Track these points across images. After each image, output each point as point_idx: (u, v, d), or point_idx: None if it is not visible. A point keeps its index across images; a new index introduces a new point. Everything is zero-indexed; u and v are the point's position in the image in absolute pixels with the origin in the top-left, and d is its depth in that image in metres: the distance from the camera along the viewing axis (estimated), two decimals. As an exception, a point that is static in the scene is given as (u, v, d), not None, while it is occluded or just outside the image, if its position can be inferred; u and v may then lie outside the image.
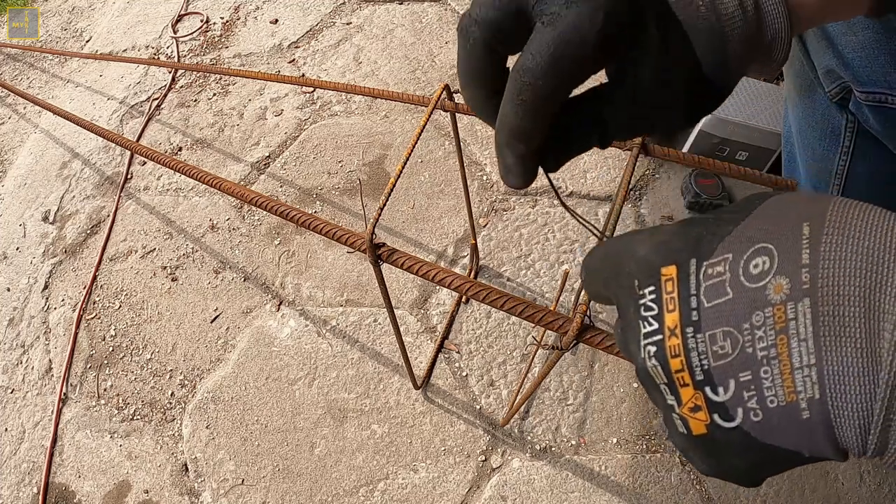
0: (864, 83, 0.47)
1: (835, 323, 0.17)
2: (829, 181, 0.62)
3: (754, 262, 0.18)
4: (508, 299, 0.42)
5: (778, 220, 0.19)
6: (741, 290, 0.18)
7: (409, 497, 0.81)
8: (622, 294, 0.22)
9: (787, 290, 0.17)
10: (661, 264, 0.20)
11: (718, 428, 0.19)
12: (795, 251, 0.18)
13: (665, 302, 0.20)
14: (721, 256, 0.19)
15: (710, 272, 0.19)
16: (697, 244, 0.20)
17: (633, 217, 1.06)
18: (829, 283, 0.17)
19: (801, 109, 0.60)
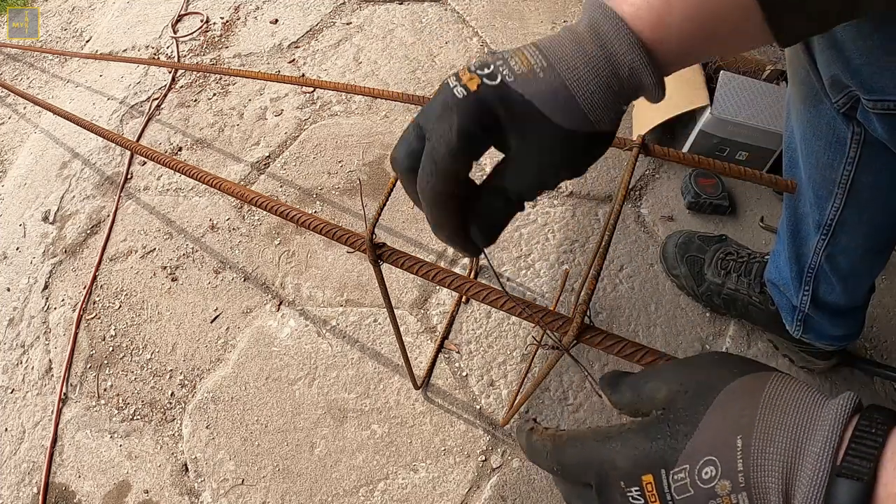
0: (872, 91, 0.47)
1: (763, 501, 0.24)
2: (832, 189, 0.62)
3: (705, 471, 0.26)
4: (508, 299, 0.42)
5: (718, 433, 0.26)
6: (699, 489, 0.26)
7: (409, 497, 0.81)
8: (608, 488, 0.29)
9: (729, 489, 0.25)
10: (641, 474, 0.28)
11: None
12: (732, 461, 0.25)
13: (648, 496, 0.28)
14: (682, 466, 0.27)
15: (676, 478, 0.27)
16: (663, 458, 0.27)
17: (633, 217, 1.07)
18: (756, 482, 0.25)
19: (806, 118, 0.60)
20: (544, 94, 0.30)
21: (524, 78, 0.30)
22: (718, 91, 1.01)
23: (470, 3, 1.50)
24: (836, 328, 0.78)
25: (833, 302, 0.74)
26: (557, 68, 0.30)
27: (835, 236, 0.66)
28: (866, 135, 0.55)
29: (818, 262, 0.70)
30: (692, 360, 0.31)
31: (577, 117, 0.30)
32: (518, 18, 1.45)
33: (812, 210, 0.66)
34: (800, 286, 0.75)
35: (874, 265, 0.69)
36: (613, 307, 0.96)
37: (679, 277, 0.95)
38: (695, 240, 0.96)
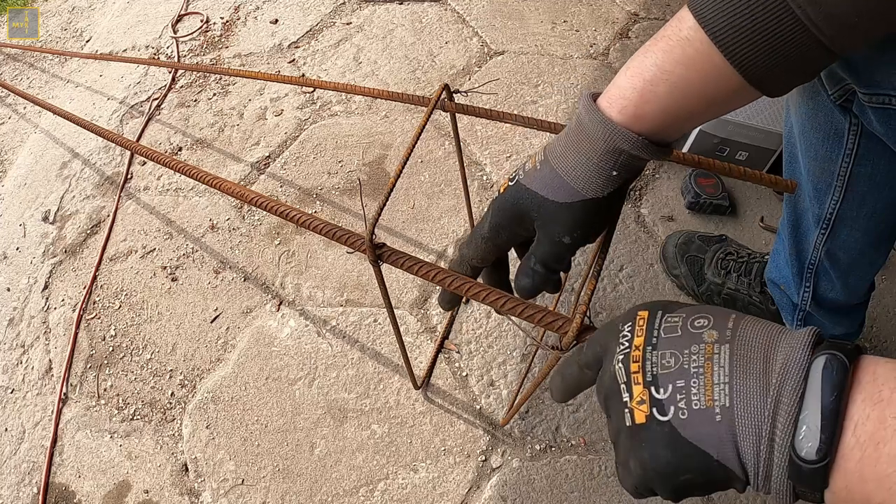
0: (867, 85, 0.47)
1: (743, 361, 0.26)
2: (831, 182, 0.62)
3: (699, 321, 0.28)
4: (508, 299, 0.42)
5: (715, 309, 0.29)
6: (687, 332, 0.28)
7: (409, 497, 0.81)
8: (610, 338, 0.32)
9: (716, 337, 0.27)
10: (639, 310, 0.31)
11: (654, 419, 0.27)
12: (724, 319, 0.28)
13: (636, 330, 0.30)
14: (678, 314, 0.29)
15: (670, 319, 0.29)
16: (666, 305, 0.30)
17: (634, 217, 1.07)
18: (741, 339, 0.26)
19: (804, 111, 0.60)
20: (542, 182, 0.39)
21: (530, 174, 0.40)
22: (718, 91, 1.00)
23: (470, 3, 1.49)
24: (836, 327, 0.78)
25: (833, 299, 0.74)
26: (551, 160, 0.39)
27: (834, 230, 0.66)
28: (864, 127, 0.54)
29: (818, 258, 0.70)
30: None
31: (569, 193, 0.38)
32: (518, 18, 1.45)
33: (812, 204, 0.66)
34: (800, 283, 0.75)
35: (874, 260, 0.70)
36: (613, 307, 0.96)
37: (679, 277, 0.95)
38: (695, 240, 0.96)
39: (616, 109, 0.36)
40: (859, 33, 0.30)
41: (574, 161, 0.38)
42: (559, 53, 1.36)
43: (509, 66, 1.33)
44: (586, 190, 0.38)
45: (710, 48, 0.33)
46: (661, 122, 0.36)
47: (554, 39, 1.39)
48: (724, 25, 0.32)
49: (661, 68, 0.35)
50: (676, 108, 0.36)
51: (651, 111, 0.36)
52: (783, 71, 0.33)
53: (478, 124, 1.21)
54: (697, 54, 0.34)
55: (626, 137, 0.36)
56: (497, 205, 0.42)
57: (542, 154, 0.40)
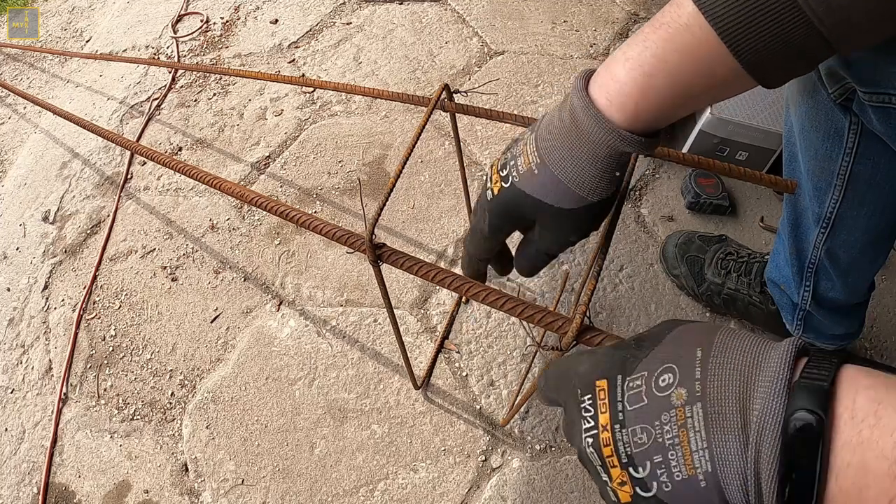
0: (867, 83, 0.47)
1: (719, 418, 0.24)
2: (830, 181, 0.62)
3: (662, 378, 0.26)
4: (508, 299, 0.42)
5: (680, 345, 0.27)
6: (653, 398, 0.26)
7: (409, 497, 0.81)
8: (569, 399, 0.30)
9: (685, 398, 0.25)
10: (596, 378, 0.28)
11: (640, 497, 0.26)
12: (691, 369, 0.25)
13: (599, 406, 0.27)
14: (639, 373, 0.26)
15: (632, 385, 0.26)
16: (623, 364, 0.27)
17: (633, 217, 1.06)
18: (713, 392, 0.24)
19: (804, 110, 0.60)
20: (542, 188, 0.38)
21: (526, 177, 0.38)
22: (718, 91, 1.00)
23: (470, 3, 1.49)
24: (836, 326, 0.78)
25: (833, 298, 0.74)
26: (549, 164, 0.37)
27: (834, 229, 0.66)
28: (864, 125, 0.54)
29: (818, 257, 0.70)
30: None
31: (573, 199, 0.37)
32: (518, 18, 1.45)
33: (811, 203, 0.66)
34: (800, 283, 0.75)
35: (874, 259, 0.69)
36: (613, 307, 0.96)
37: (679, 277, 0.95)
38: (695, 240, 0.96)
39: (616, 108, 0.35)
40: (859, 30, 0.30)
41: (575, 167, 0.37)
42: (559, 53, 1.35)
43: (509, 66, 1.33)
44: (592, 195, 0.37)
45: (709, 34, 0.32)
46: (659, 116, 0.35)
47: (554, 39, 1.39)
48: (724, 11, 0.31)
49: (660, 59, 0.33)
50: (674, 100, 0.34)
51: (650, 106, 0.34)
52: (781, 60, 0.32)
53: (478, 124, 1.21)
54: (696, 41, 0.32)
55: (629, 141, 0.35)
56: (495, 208, 0.41)
57: (536, 154, 0.38)
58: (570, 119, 0.36)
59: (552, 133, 0.37)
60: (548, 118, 0.38)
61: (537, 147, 0.38)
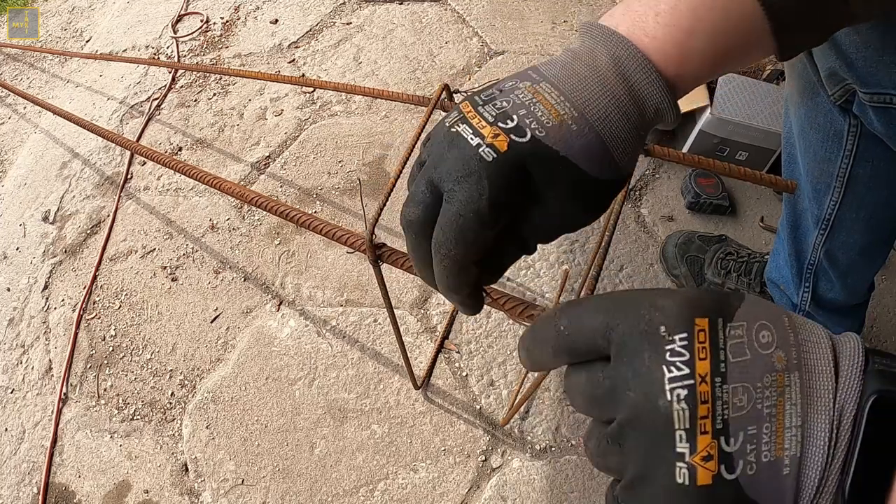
0: (868, 84, 0.47)
1: (813, 395, 0.21)
2: (830, 183, 0.62)
3: (763, 334, 0.22)
4: (508, 299, 0.42)
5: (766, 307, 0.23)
6: (756, 354, 0.21)
7: (409, 497, 0.81)
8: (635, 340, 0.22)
9: (785, 362, 0.21)
10: (696, 315, 0.22)
11: (721, 479, 0.20)
12: (785, 332, 0.22)
13: (697, 350, 0.21)
14: (740, 322, 0.22)
15: (734, 333, 0.22)
16: (722, 306, 0.22)
17: (633, 217, 1.07)
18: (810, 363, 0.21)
19: (804, 111, 0.60)
20: (581, 149, 0.28)
21: (557, 132, 0.28)
22: (718, 91, 1.01)
23: (470, 3, 1.49)
24: (836, 327, 0.78)
25: (833, 299, 0.74)
26: (590, 118, 0.28)
27: (833, 231, 0.66)
28: (863, 127, 0.55)
29: (818, 258, 0.70)
30: None
31: (610, 168, 0.29)
32: (518, 18, 1.45)
33: (811, 204, 0.66)
34: (800, 283, 0.75)
35: (873, 261, 0.70)
36: (613, 307, 0.96)
37: (679, 277, 0.95)
38: (695, 240, 0.96)
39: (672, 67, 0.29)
40: None
41: (623, 127, 0.29)
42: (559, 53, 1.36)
43: (509, 66, 1.33)
44: (628, 165, 0.30)
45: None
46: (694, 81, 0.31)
47: (554, 39, 1.39)
48: None
49: (699, 16, 0.28)
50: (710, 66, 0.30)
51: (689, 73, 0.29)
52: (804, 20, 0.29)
53: (478, 124, 1.20)
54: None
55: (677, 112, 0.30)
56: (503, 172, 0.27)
57: (569, 106, 0.28)
58: (614, 70, 0.29)
59: (586, 82, 0.29)
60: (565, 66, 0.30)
61: (563, 93, 0.29)
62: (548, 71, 0.30)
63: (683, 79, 0.30)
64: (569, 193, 0.29)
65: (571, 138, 0.28)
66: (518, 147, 0.27)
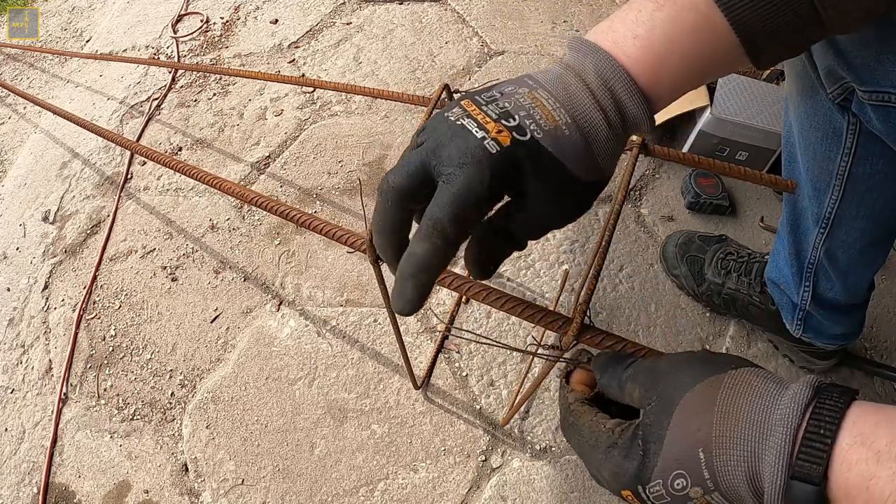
0: (866, 82, 0.47)
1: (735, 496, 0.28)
2: (829, 182, 0.62)
3: (677, 482, 0.29)
4: (508, 299, 0.42)
5: (683, 448, 0.29)
6: (674, 496, 0.29)
7: (409, 497, 0.81)
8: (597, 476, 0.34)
9: (701, 492, 0.28)
10: (620, 489, 0.32)
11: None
12: (699, 472, 0.28)
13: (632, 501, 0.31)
14: (655, 481, 0.30)
15: (652, 490, 0.30)
16: (638, 477, 0.30)
17: (633, 217, 1.07)
18: (725, 483, 0.28)
19: (803, 110, 0.60)
20: (571, 152, 0.32)
21: (552, 135, 0.31)
22: (718, 91, 1.01)
23: (470, 3, 1.50)
24: (836, 326, 0.78)
25: (833, 299, 0.74)
26: (580, 125, 0.32)
27: (833, 230, 0.66)
28: (862, 126, 0.54)
29: (818, 258, 0.70)
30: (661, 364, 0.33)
31: (594, 170, 0.33)
32: (518, 18, 1.45)
33: (811, 203, 0.66)
34: (800, 283, 0.75)
35: (873, 260, 0.69)
36: (613, 307, 0.96)
37: (679, 277, 0.95)
38: (695, 240, 0.96)
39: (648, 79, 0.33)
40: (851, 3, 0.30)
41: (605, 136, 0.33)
42: (559, 53, 1.35)
43: (509, 66, 1.33)
44: (609, 169, 0.34)
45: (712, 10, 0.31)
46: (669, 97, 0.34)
47: (554, 39, 1.39)
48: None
49: (672, 40, 0.32)
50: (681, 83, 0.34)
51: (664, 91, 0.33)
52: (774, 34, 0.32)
53: (478, 124, 1.20)
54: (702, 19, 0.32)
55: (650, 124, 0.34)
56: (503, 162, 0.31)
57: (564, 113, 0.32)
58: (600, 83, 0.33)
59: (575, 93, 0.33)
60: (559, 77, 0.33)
61: (558, 101, 0.32)
62: (543, 80, 0.33)
63: (660, 94, 0.33)
64: (556, 191, 0.33)
65: (563, 141, 0.32)
66: (518, 144, 0.31)
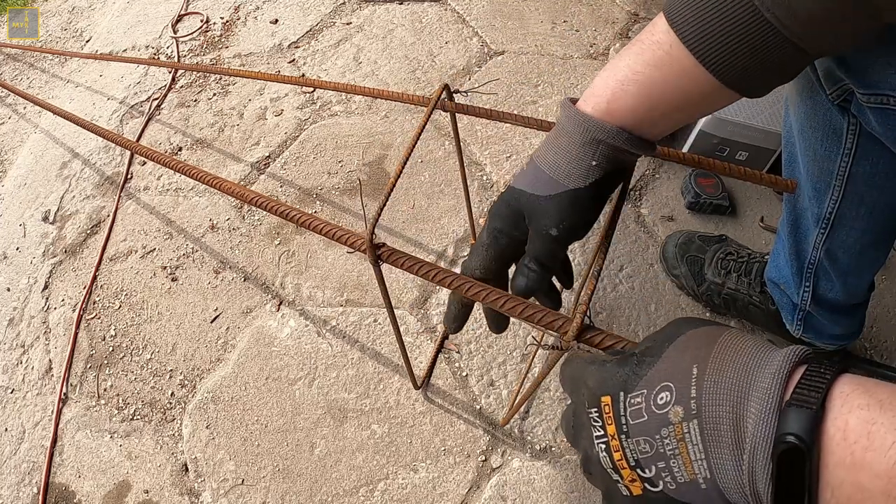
0: (865, 85, 0.47)
1: (714, 434, 0.26)
2: (829, 182, 0.62)
3: (661, 396, 0.28)
4: (508, 299, 0.42)
5: (678, 362, 0.28)
6: (653, 415, 0.28)
7: (409, 497, 0.81)
8: (578, 405, 0.33)
9: (682, 415, 0.27)
10: (601, 395, 0.31)
11: (649, 491, 0.29)
12: (687, 388, 0.27)
13: (605, 418, 0.30)
14: (639, 391, 0.29)
15: (633, 402, 0.29)
16: (625, 382, 0.30)
17: (633, 217, 1.07)
18: (708, 411, 0.26)
19: (803, 111, 0.60)
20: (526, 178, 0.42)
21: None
22: (718, 91, 1.00)
23: (470, 3, 1.50)
24: (836, 326, 0.78)
25: (833, 299, 0.74)
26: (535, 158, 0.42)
27: (833, 230, 0.66)
28: (862, 126, 0.54)
29: (818, 258, 0.70)
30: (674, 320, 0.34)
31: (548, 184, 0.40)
32: (518, 18, 1.45)
33: (811, 204, 0.66)
34: (800, 283, 0.75)
35: (874, 260, 0.70)
36: (613, 307, 0.96)
37: (679, 277, 0.95)
38: (695, 240, 0.96)
39: (590, 106, 0.39)
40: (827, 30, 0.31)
41: (554, 156, 0.40)
42: (559, 53, 1.36)
43: (509, 66, 1.33)
44: (567, 181, 0.40)
45: (681, 51, 0.34)
46: (635, 118, 0.38)
47: (554, 39, 1.39)
48: (695, 30, 0.33)
49: (632, 69, 0.37)
50: (648, 107, 0.37)
51: (623, 107, 0.38)
52: (760, 72, 0.34)
53: (478, 124, 1.21)
54: (668, 57, 0.35)
55: (601, 127, 0.38)
56: (492, 210, 0.43)
57: (529, 157, 0.42)
58: (556, 124, 0.41)
59: (543, 141, 0.42)
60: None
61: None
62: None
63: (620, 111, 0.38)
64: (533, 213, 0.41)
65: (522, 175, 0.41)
66: (503, 193, 0.42)
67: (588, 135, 0.39)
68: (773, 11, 0.31)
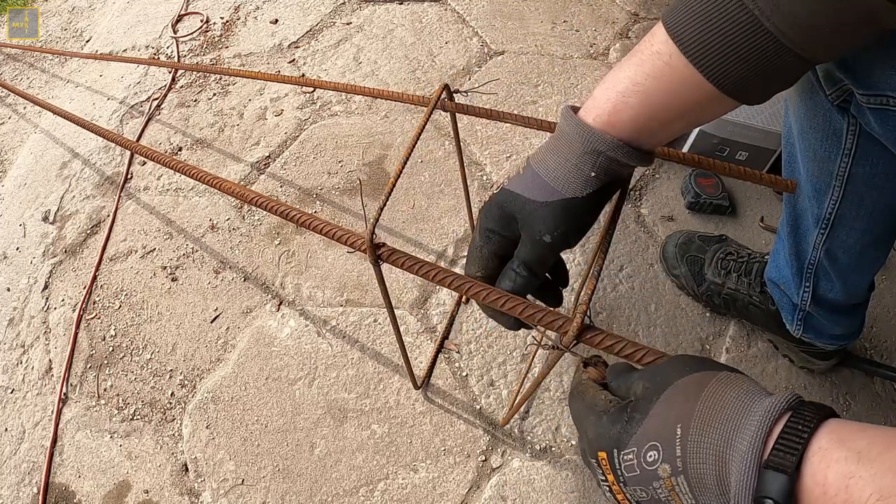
0: (864, 86, 0.47)
1: (700, 487, 0.28)
2: (829, 182, 0.62)
3: (649, 454, 0.30)
4: (508, 299, 0.42)
5: (664, 420, 0.30)
6: (644, 470, 0.30)
7: (409, 497, 0.81)
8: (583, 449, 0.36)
9: (669, 471, 0.29)
10: (598, 449, 0.33)
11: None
12: (672, 447, 0.29)
13: (604, 468, 0.33)
14: (630, 449, 0.31)
15: (626, 458, 0.31)
16: (617, 440, 0.32)
17: (633, 217, 1.07)
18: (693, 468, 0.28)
19: (803, 111, 0.60)
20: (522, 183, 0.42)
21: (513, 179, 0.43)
22: (718, 91, 1.01)
23: (470, 3, 1.50)
24: (836, 327, 0.78)
25: (833, 299, 0.74)
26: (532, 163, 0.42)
27: (833, 230, 0.66)
28: (862, 127, 0.54)
29: (818, 258, 0.70)
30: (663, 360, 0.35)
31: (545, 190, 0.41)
32: (518, 18, 1.45)
33: (811, 204, 0.66)
34: (800, 283, 0.75)
35: (874, 260, 0.69)
36: (613, 307, 0.96)
37: (679, 277, 0.95)
38: (695, 240, 0.96)
39: (591, 117, 0.39)
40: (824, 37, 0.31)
41: (553, 163, 0.41)
42: (559, 53, 1.36)
43: (509, 66, 1.33)
44: (565, 189, 0.40)
45: (681, 61, 0.34)
46: (635, 129, 0.39)
47: (554, 39, 1.39)
48: (695, 40, 0.33)
49: (633, 81, 0.37)
50: (649, 117, 0.38)
51: (624, 119, 0.38)
52: (760, 80, 0.34)
53: (478, 124, 1.21)
54: (668, 67, 0.35)
55: (602, 139, 0.38)
56: (484, 210, 0.44)
57: (526, 161, 0.42)
58: (556, 131, 0.42)
59: (541, 146, 0.43)
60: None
61: (528, 157, 0.42)
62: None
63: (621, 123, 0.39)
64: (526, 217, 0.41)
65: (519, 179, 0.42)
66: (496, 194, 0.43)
67: (589, 145, 0.39)
68: (772, 20, 0.31)
